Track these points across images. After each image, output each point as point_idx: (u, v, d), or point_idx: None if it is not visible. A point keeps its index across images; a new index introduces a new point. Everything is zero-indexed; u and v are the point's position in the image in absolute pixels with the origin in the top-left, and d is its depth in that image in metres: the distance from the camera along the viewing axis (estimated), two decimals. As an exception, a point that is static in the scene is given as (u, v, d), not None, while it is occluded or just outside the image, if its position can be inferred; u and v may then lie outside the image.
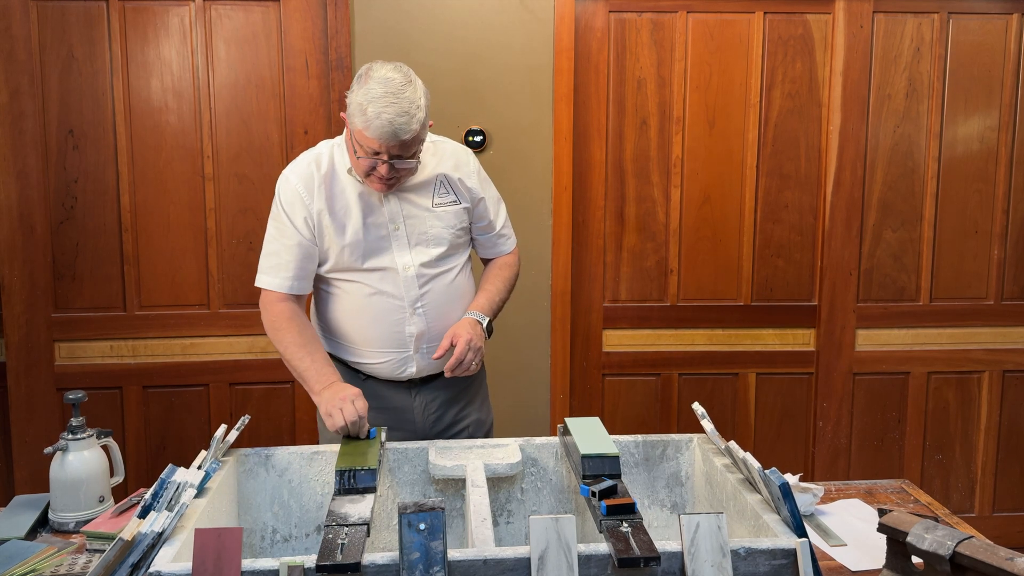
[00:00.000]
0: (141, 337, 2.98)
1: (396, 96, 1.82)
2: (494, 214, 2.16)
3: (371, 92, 1.83)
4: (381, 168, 1.89)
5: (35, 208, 2.89)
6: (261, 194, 2.98)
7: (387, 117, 1.81)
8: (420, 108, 1.85)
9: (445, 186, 2.06)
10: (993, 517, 3.31)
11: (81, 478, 1.81)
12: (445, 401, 2.13)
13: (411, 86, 1.86)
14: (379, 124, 1.81)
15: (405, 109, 1.82)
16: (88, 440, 1.85)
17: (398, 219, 2.01)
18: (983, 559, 1.32)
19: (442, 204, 2.05)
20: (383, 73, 1.86)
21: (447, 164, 2.07)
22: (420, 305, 2.03)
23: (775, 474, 1.44)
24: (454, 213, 2.06)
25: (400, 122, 1.82)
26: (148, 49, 2.89)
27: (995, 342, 3.23)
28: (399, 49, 2.94)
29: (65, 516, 1.80)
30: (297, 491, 1.82)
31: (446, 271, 2.06)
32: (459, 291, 2.09)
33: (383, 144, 1.85)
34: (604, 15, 3.01)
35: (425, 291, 2.03)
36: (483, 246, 2.20)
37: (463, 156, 2.11)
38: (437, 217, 2.04)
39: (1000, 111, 3.13)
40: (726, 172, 3.11)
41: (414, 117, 1.83)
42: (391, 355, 2.05)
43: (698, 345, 3.18)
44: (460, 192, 2.07)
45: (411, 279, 2.02)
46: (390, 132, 1.82)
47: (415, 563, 1.29)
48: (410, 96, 1.84)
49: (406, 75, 1.88)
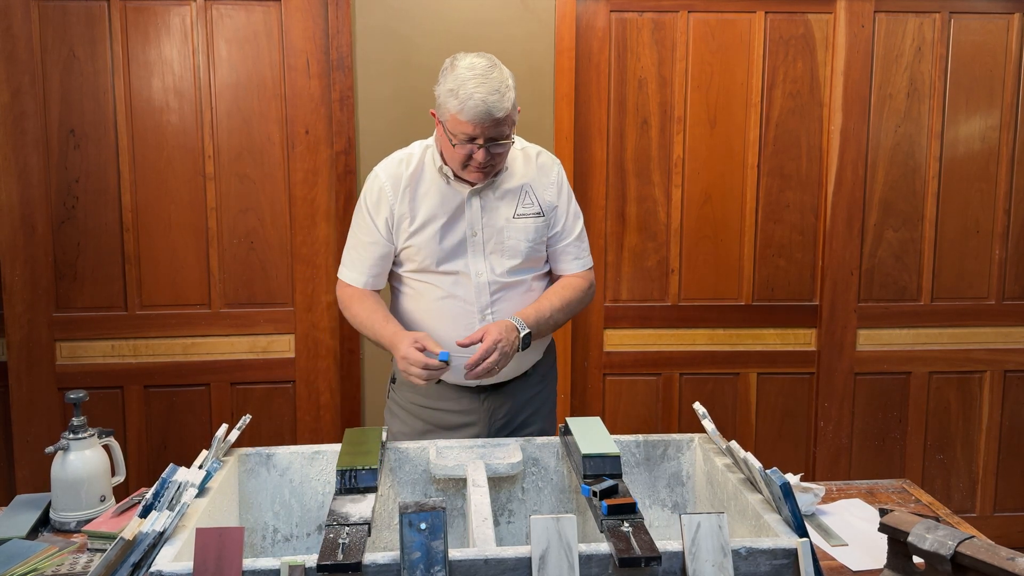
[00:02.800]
0: (142, 337, 2.98)
1: (485, 77, 1.85)
2: (564, 225, 2.10)
3: (460, 76, 1.86)
4: (478, 154, 1.89)
5: (36, 208, 2.89)
6: (262, 194, 2.98)
7: (480, 96, 1.84)
8: (509, 87, 1.88)
9: (530, 196, 2.05)
10: (994, 517, 3.30)
11: (82, 478, 1.81)
12: (513, 408, 2.12)
13: (496, 68, 1.89)
14: (472, 104, 1.84)
15: (496, 87, 1.85)
16: (89, 440, 1.85)
17: (477, 226, 2.01)
18: (984, 559, 1.32)
19: (524, 215, 2.04)
20: (468, 61, 1.89)
21: (533, 173, 2.06)
22: (490, 312, 2.03)
23: (776, 474, 1.44)
24: (534, 226, 2.04)
25: (492, 100, 1.84)
26: (149, 49, 2.89)
27: (996, 342, 3.23)
28: (400, 49, 2.94)
29: (66, 516, 1.80)
30: (298, 490, 1.82)
31: (519, 281, 2.05)
32: (532, 302, 2.06)
33: (478, 125, 1.86)
34: (605, 15, 3.01)
35: (496, 298, 2.03)
36: (551, 258, 2.14)
37: (549, 164, 2.10)
38: (516, 229, 2.03)
39: (1001, 111, 3.13)
40: (727, 172, 3.11)
41: (505, 95, 1.86)
42: (458, 360, 2.04)
43: (699, 345, 3.18)
44: (543, 204, 2.06)
45: (483, 285, 2.02)
46: (484, 111, 1.84)
47: (416, 563, 1.29)
48: (498, 76, 1.87)
49: (490, 59, 1.91)
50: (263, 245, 3.00)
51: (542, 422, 2.17)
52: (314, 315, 3.04)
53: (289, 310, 3.04)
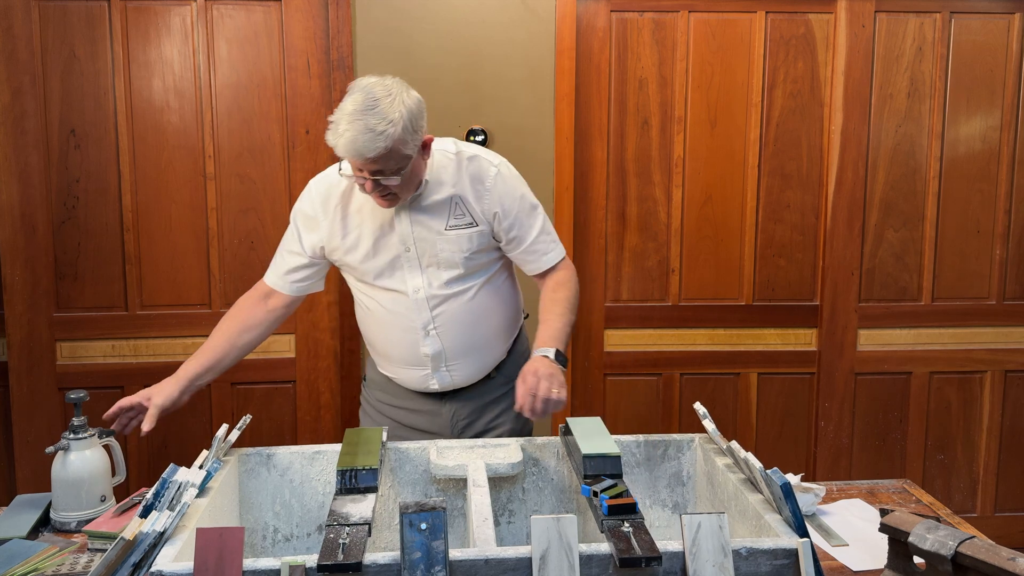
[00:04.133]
0: (143, 337, 2.99)
1: (364, 112, 1.73)
2: (519, 230, 2.00)
3: (342, 109, 1.76)
4: (366, 185, 1.82)
5: (37, 208, 2.89)
6: (263, 194, 2.98)
7: (350, 136, 1.73)
8: (392, 123, 1.74)
9: (461, 207, 1.95)
10: (995, 517, 3.30)
11: (83, 477, 1.81)
12: (476, 408, 2.11)
13: (388, 99, 1.76)
14: (343, 143, 1.74)
15: (370, 127, 1.73)
16: (90, 440, 1.85)
17: (409, 241, 1.95)
18: (985, 559, 1.32)
19: (456, 227, 1.95)
20: (353, 96, 1.77)
21: (466, 183, 1.95)
22: (433, 328, 2.00)
23: (776, 474, 1.44)
24: (468, 236, 1.95)
25: (363, 140, 1.73)
26: (150, 49, 2.89)
27: (997, 342, 3.23)
28: (400, 49, 2.94)
29: (67, 516, 1.80)
30: (298, 491, 1.82)
31: (462, 291, 2.00)
32: (481, 308, 2.03)
33: (354, 161, 1.79)
34: (606, 15, 3.01)
35: (438, 313, 1.99)
36: (520, 263, 2.07)
37: (483, 170, 1.97)
38: (449, 241, 1.95)
39: (1002, 111, 3.13)
40: (728, 172, 3.11)
41: (381, 134, 1.73)
42: (411, 371, 2.06)
43: (700, 345, 3.18)
44: (476, 214, 1.96)
45: (421, 302, 1.98)
46: (353, 151, 1.74)
47: (416, 563, 1.29)
48: (383, 111, 1.74)
49: (387, 88, 1.78)
50: (264, 245, 2.99)
51: (512, 423, 2.14)
52: (314, 315, 3.04)
53: (289, 310, 3.04)
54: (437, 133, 2.99)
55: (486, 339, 2.06)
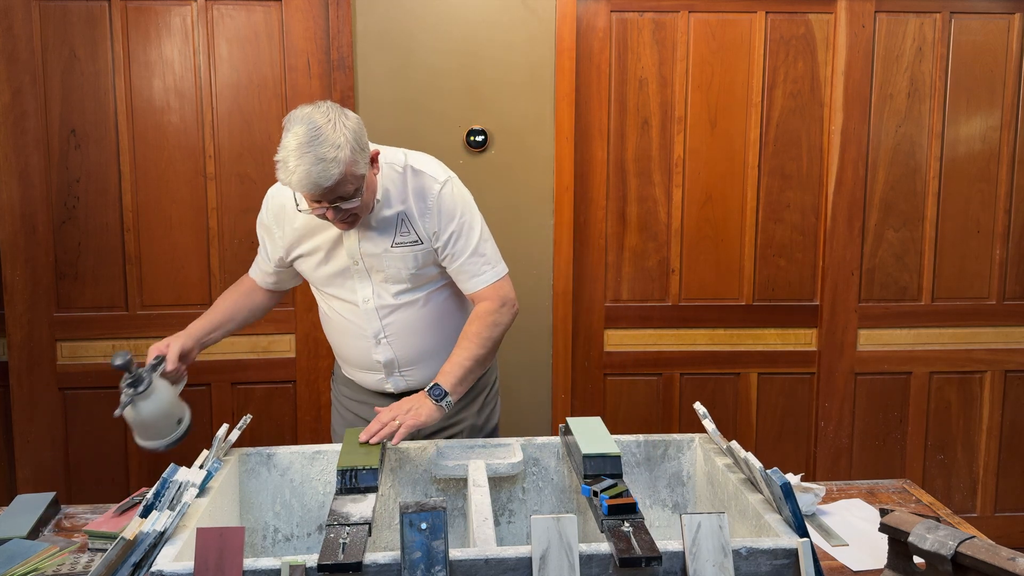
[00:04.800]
0: (143, 336, 2.98)
1: (311, 144, 1.72)
2: (451, 249, 1.97)
3: (286, 146, 1.74)
4: (328, 213, 1.82)
5: (37, 208, 2.89)
6: (263, 194, 2.94)
7: (303, 170, 1.72)
8: (340, 147, 1.74)
9: (407, 224, 1.95)
10: (995, 517, 3.30)
11: (157, 416, 1.89)
12: None
13: (330, 125, 1.75)
14: (297, 179, 1.73)
15: (320, 157, 1.71)
16: (149, 387, 1.85)
17: (356, 255, 1.98)
18: (985, 559, 1.32)
19: (402, 244, 1.95)
20: (294, 129, 1.75)
21: (411, 199, 1.95)
22: (384, 336, 2.04)
23: (776, 474, 1.44)
24: (412, 255, 1.96)
25: (316, 171, 1.72)
26: (150, 49, 2.89)
27: (997, 342, 3.23)
28: (400, 49, 2.94)
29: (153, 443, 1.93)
30: (299, 490, 1.82)
31: (412, 301, 2.02)
32: (433, 315, 2.05)
33: (311, 194, 1.79)
34: (606, 15, 3.01)
35: (388, 322, 2.02)
36: (455, 281, 2.04)
37: (427, 187, 1.95)
38: (395, 258, 1.96)
39: (1002, 111, 3.13)
40: (728, 172, 3.11)
41: (333, 161, 1.72)
42: (367, 375, 2.12)
43: (700, 345, 3.18)
44: (420, 231, 1.96)
45: (371, 312, 2.02)
46: (309, 183, 1.73)
47: (417, 562, 1.29)
48: (328, 138, 1.73)
49: (325, 114, 1.76)
50: (264, 245, 2.99)
51: (474, 418, 2.15)
52: (314, 315, 3.03)
53: (290, 310, 3.04)
54: (437, 134, 2.99)
55: (440, 345, 2.06)
